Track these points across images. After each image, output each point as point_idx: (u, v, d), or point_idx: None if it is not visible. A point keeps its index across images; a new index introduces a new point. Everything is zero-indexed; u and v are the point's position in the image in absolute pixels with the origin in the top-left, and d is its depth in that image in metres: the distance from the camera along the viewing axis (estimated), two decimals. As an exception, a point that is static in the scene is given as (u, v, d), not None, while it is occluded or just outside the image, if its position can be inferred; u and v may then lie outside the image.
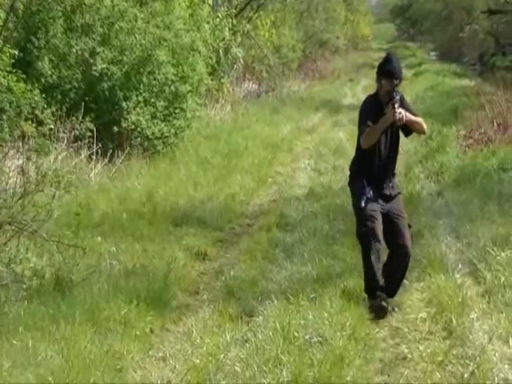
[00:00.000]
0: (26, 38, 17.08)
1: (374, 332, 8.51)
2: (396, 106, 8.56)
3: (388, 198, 9.17)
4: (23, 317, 8.68)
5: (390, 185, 9.22)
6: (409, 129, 9.20)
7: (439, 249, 11.58)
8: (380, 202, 9.05)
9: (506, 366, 7.58)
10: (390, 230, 8.96)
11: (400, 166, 17.23)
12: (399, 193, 9.46)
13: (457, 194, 15.38)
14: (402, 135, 9.54)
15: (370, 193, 8.96)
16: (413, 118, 8.97)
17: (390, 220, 9.02)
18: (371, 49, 73.69)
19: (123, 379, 7.60)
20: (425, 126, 9.33)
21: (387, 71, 8.96)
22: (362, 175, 9.16)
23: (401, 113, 8.60)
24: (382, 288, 8.94)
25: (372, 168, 9.09)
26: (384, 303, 8.85)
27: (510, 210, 13.12)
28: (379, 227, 8.82)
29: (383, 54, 11.45)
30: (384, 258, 9.20)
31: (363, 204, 8.88)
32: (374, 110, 8.94)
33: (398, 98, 8.66)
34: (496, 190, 14.81)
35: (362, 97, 11.45)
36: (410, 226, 9.21)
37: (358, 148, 9.26)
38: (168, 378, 7.66)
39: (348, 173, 9.97)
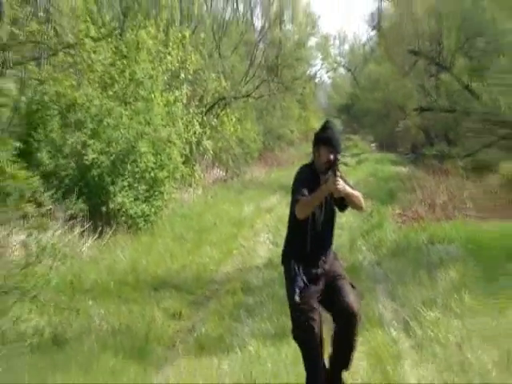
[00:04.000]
0: (28, 132, 17.20)
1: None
2: (337, 174, 7.09)
3: (322, 275, 7.59)
4: (26, 369, 8.71)
5: (325, 259, 7.67)
6: (345, 203, 7.62)
7: (377, 308, 11.70)
8: (314, 286, 7.49)
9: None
10: (331, 296, 7.46)
11: (345, 241, 17.41)
12: (336, 259, 7.89)
13: (393, 263, 15.51)
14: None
15: (302, 282, 7.43)
16: (351, 190, 7.40)
17: (330, 288, 7.54)
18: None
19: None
20: (363, 201, 7.66)
21: (326, 139, 7.47)
22: (295, 255, 7.66)
23: (339, 183, 7.09)
24: None
25: (306, 245, 7.57)
26: None
27: (437, 276, 13.25)
28: (315, 321, 7.26)
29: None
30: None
31: (297, 298, 7.33)
32: (309, 180, 7.45)
33: (338, 167, 7.15)
34: (425, 259, 14.95)
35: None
36: (354, 287, 7.69)
37: (291, 223, 7.76)
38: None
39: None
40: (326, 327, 7.60)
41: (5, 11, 16.96)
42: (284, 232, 17.26)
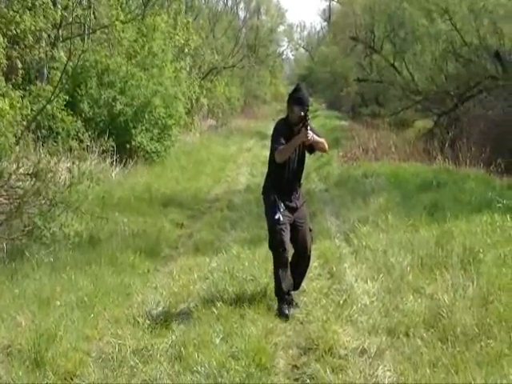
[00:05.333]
0: (73, 88, 17.12)
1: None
2: (309, 128, 6.97)
3: (295, 209, 7.39)
4: (69, 261, 8.68)
5: (297, 195, 7.48)
6: (313, 147, 7.42)
7: (326, 224, 11.66)
8: (288, 213, 7.25)
9: (365, 297, 7.62)
10: (295, 235, 7.33)
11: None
12: (305, 202, 7.73)
13: (337, 190, 15.47)
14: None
15: (281, 207, 7.21)
16: (318, 138, 7.25)
17: (295, 227, 7.33)
18: (285, 101, 73.13)
19: (130, 300, 7.61)
20: (326, 146, 7.48)
21: (298, 99, 7.25)
22: (274, 188, 7.38)
23: (309, 134, 6.99)
24: (288, 293, 7.36)
25: (283, 181, 7.34)
26: (287, 311, 7.20)
27: (369, 201, 13.17)
28: (287, 238, 7.20)
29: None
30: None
31: (279, 217, 7.14)
32: (284, 131, 7.24)
33: (309, 121, 7.05)
34: (361, 188, 14.87)
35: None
36: (310, 230, 7.67)
37: (271, 163, 7.46)
38: (158, 300, 7.66)
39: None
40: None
41: (58, 2, 16.65)
42: (258, 166, 17.19)
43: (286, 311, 7.15)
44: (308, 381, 5.75)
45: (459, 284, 7.60)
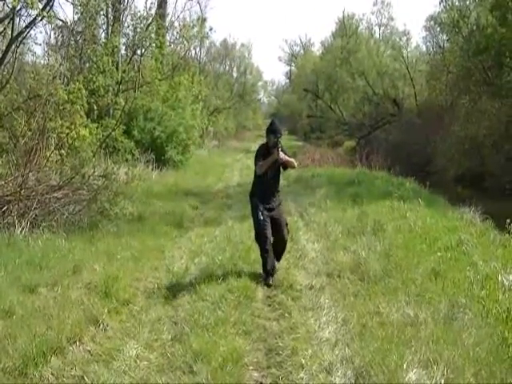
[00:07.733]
0: (128, 122, 16.95)
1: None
2: (279, 150, 6.46)
3: (272, 209, 6.65)
4: (125, 230, 8.56)
5: (274, 199, 6.73)
6: (285, 166, 6.78)
7: (288, 207, 11.52)
8: (267, 212, 6.57)
9: (313, 252, 7.64)
10: (275, 227, 6.61)
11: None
12: (280, 203, 6.88)
13: (295, 186, 15.39)
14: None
15: (261, 208, 6.55)
16: (288, 158, 6.67)
17: (274, 220, 6.61)
18: (262, 129, 72.72)
19: (164, 255, 7.57)
20: (295, 164, 6.86)
21: (272, 130, 6.64)
22: (257, 194, 6.72)
23: (280, 154, 6.49)
24: (272, 269, 6.59)
25: (262, 188, 6.69)
26: (271, 282, 6.48)
27: (315, 192, 13.12)
28: (269, 230, 6.53)
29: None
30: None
31: (260, 217, 6.52)
32: (264, 152, 6.68)
33: (280, 146, 6.49)
34: (310, 184, 14.88)
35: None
36: (287, 224, 6.96)
37: (255, 175, 6.83)
38: (181, 255, 7.62)
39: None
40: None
41: (119, 68, 16.58)
42: (244, 170, 16.86)
43: (270, 282, 6.50)
44: (277, 306, 5.76)
45: (371, 244, 7.64)
